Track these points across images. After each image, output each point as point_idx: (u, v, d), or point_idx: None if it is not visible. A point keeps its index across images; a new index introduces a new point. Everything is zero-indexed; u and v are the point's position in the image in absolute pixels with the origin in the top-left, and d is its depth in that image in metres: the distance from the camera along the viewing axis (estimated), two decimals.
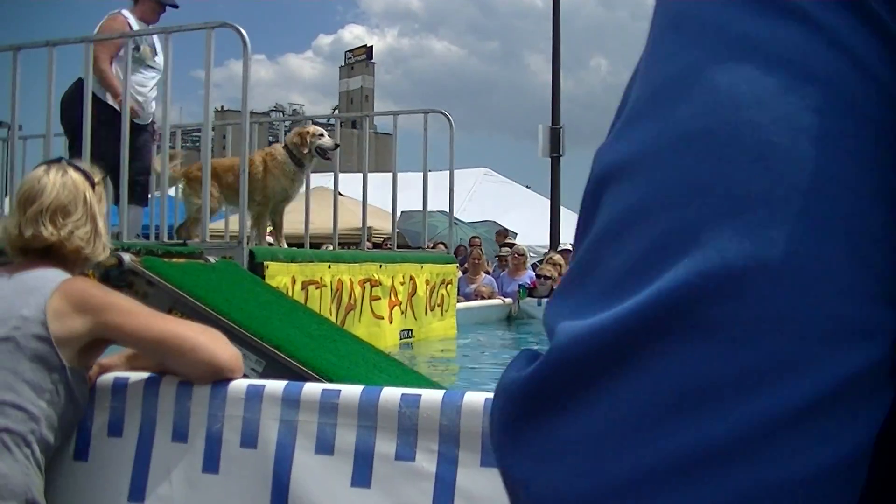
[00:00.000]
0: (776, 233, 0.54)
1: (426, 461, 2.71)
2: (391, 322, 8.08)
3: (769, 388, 0.53)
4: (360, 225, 10.16)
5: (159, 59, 8.58)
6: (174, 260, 4.39)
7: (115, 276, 3.62)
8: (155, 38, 8.75)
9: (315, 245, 9.85)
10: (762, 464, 0.52)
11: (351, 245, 13.96)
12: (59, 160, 3.33)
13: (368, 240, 15.76)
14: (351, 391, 2.83)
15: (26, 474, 2.86)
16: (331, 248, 10.18)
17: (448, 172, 10.10)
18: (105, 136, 6.99)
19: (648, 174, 0.59)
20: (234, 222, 9.43)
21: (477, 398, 2.71)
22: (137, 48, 8.24)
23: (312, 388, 2.90)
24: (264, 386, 2.95)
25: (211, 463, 2.94)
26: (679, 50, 0.61)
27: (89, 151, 6.60)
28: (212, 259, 4.86)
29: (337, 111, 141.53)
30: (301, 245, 9.03)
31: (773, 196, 0.55)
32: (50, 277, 3.04)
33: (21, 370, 2.88)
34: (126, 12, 8.82)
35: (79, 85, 7.50)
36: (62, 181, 3.19)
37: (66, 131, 8.05)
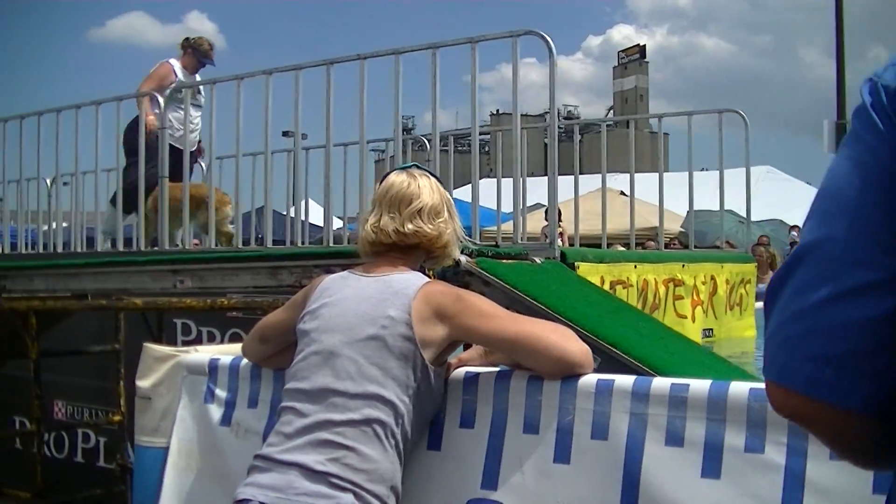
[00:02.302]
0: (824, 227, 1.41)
1: (776, 453, 2.75)
2: (693, 321, 8.05)
3: (831, 282, 1.37)
4: (646, 225, 10.12)
5: (202, 97, 10.43)
6: (503, 261, 4.56)
7: (451, 276, 3.80)
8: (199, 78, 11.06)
9: (597, 246, 9.86)
10: (843, 307, 1.36)
11: (636, 245, 13.92)
12: (410, 166, 3.53)
13: (654, 239, 15.69)
14: (700, 385, 2.90)
15: (393, 462, 3.06)
16: (619, 248, 10.22)
17: (727, 171, 9.93)
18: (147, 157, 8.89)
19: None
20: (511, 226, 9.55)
21: None
22: (180, 91, 10.03)
23: (662, 383, 2.98)
24: (614, 380, 3.04)
25: (562, 454, 3.06)
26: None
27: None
28: (538, 260, 5.00)
29: (612, 112, 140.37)
30: (594, 246, 9.10)
31: (829, 211, 1.42)
32: (412, 281, 3.25)
33: (389, 367, 3.09)
34: (173, 61, 11.20)
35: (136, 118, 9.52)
36: (429, 185, 3.43)
37: (125, 150, 9.88)
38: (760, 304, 10.64)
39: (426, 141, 11.45)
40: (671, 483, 2.86)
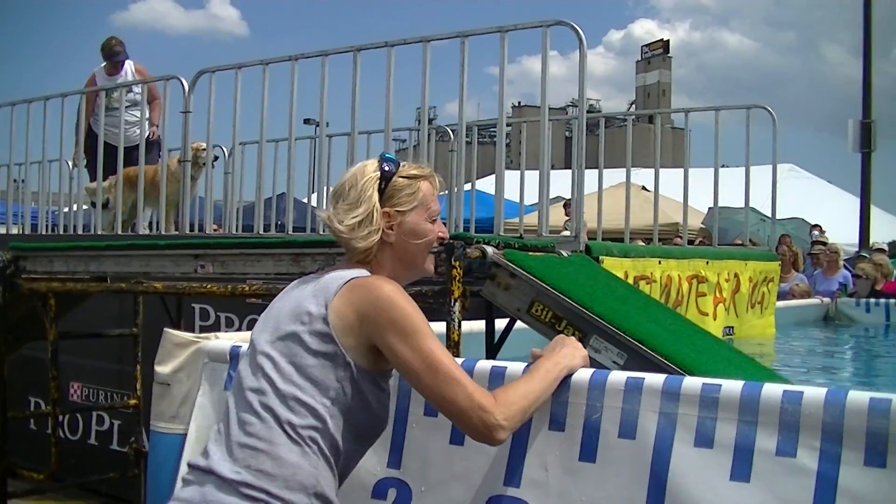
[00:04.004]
0: None
1: (808, 458, 2.70)
2: (715, 319, 7.98)
3: None
4: (667, 221, 10.06)
5: (133, 94, 11.10)
6: (530, 253, 4.48)
7: (477, 267, 3.72)
8: (129, 76, 11.84)
9: (618, 241, 9.78)
10: None
11: (659, 242, 13.86)
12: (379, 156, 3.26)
13: (679, 235, 15.60)
14: (732, 386, 2.84)
15: (316, 468, 2.88)
16: (640, 243, 10.17)
17: (751, 168, 9.82)
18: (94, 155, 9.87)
19: None
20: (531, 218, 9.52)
21: (861, 397, 2.68)
22: (101, 96, 11.19)
23: (693, 382, 2.92)
24: (644, 379, 2.99)
25: (588, 452, 3.01)
26: None
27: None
28: (565, 253, 4.92)
29: (633, 106, 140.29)
30: (615, 241, 9.04)
31: None
32: (343, 276, 3.03)
33: (304, 365, 2.92)
34: (97, 70, 12.03)
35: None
36: (355, 169, 3.18)
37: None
38: (783, 304, 10.59)
39: (450, 131, 11.43)
40: (699, 485, 2.82)
